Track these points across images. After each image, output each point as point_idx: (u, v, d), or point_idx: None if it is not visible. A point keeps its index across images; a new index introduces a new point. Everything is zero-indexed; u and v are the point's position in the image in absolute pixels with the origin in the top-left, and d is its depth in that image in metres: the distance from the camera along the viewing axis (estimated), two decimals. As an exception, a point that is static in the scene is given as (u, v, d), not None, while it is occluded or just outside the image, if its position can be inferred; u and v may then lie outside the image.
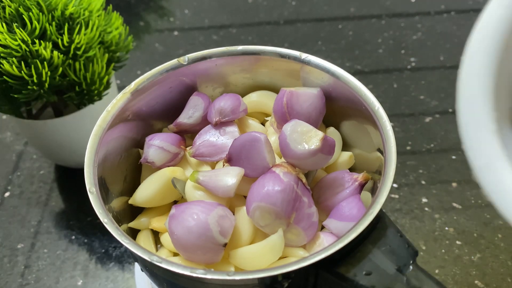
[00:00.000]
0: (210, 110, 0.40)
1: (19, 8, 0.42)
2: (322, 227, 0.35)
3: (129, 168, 0.40)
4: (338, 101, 0.39)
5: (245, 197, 0.35)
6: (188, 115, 0.40)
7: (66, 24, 0.44)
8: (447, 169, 0.55)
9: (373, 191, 0.37)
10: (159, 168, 0.38)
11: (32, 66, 0.43)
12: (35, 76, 0.43)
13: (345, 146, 0.40)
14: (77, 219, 0.52)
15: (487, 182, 0.23)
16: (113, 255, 0.49)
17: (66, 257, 0.49)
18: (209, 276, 0.28)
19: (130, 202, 0.38)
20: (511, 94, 0.26)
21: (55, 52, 0.43)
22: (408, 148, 0.58)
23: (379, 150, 0.36)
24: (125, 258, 0.49)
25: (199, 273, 0.28)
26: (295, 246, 0.34)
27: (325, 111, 0.40)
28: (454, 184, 0.53)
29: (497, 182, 0.23)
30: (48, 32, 0.43)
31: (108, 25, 0.50)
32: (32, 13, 0.42)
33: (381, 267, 0.30)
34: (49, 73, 0.43)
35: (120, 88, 0.58)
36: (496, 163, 0.23)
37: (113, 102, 0.38)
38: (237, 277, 0.28)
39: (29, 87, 0.43)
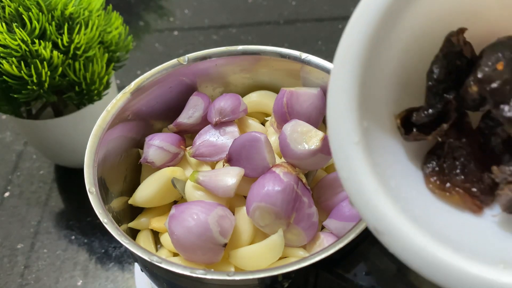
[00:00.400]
0: (210, 110, 0.39)
1: (19, 8, 0.42)
2: (322, 227, 0.35)
3: (129, 168, 0.40)
4: (338, 101, 0.39)
5: (245, 197, 0.35)
6: (188, 115, 0.40)
7: (66, 24, 0.44)
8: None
9: (373, 191, 0.37)
10: (159, 168, 0.38)
11: (32, 66, 0.43)
12: (34, 76, 0.43)
13: (345, 146, 0.40)
14: (77, 219, 0.52)
15: (350, 192, 0.24)
16: (113, 255, 0.49)
17: (66, 257, 0.49)
18: (209, 276, 0.28)
19: (130, 202, 0.38)
20: (394, 100, 0.27)
21: (55, 52, 0.43)
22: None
23: (379, 150, 0.36)
24: (125, 258, 0.49)
25: (199, 273, 0.28)
26: (295, 246, 0.34)
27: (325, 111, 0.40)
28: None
29: (359, 192, 0.24)
30: (48, 32, 0.43)
31: (108, 25, 0.50)
32: (32, 13, 0.42)
33: (381, 267, 0.30)
34: (48, 73, 0.43)
35: (120, 88, 0.58)
36: (357, 174, 0.24)
37: (113, 102, 0.37)
38: (237, 277, 0.28)
39: (28, 87, 0.43)
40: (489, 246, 0.23)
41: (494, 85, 0.23)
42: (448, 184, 0.26)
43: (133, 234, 0.38)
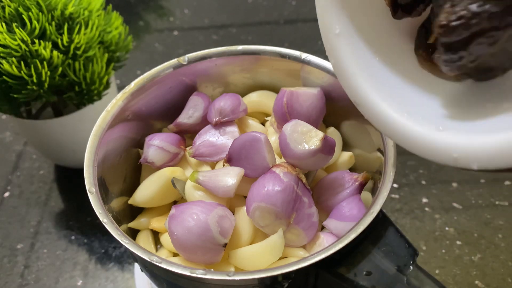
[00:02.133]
0: (210, 110, 0.39)
1: (19, 8, 0.42)
2: (322, 227, 0.35)
3: (129, 168, 0.40)
4: (338, 101, 0.39)
5: (245, 197, 0.35)
6: (188, 115, 0.40)
7: (66, 24, 0.44)
8: (447, 169, 0.55)
9: (373, 191, 0.37)
10: (159, 168, 0.38)
11: (32, 66, 0.43)
12: (34, 76, 0.43)
13: (345, 146, 0.40)
14: (77, 219, 0.52)
15: (337, 74, 0.30)
16: (112, 255, 0.49)
17: (66, 257, 0.49)
18: (209, 277, 0.28)
19: (130, 202, 0.38)
20: None
21: (55, 52, 0.43)
22: (408, 148, 0.58)
23: (379, 150, 0.36)
24: (125, 259, 0.49)
25: (199, 274, 0.28)
26: (295, 246, 0.34)
27: (325, 111, 0.40)
28: (454, 184, 0.53)
29: (342, 74, 0.29)
30: (48, 32, 0.43)
31: (108, 25, 0.50)
32: (32, 12, 0.42)
33: (381, 267, 0.30)
34: (48, 73, 0.43)
35: (120, 88, 0.58)
36: (340, 60, 0.29)
37: (113, 102, 0.37)
38: (237, 278, 0.28)
39: (28, 87, 0.43)
40: (440, 114, 0.27)
41: None
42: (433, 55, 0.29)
43: (133, 234, 0.38)
